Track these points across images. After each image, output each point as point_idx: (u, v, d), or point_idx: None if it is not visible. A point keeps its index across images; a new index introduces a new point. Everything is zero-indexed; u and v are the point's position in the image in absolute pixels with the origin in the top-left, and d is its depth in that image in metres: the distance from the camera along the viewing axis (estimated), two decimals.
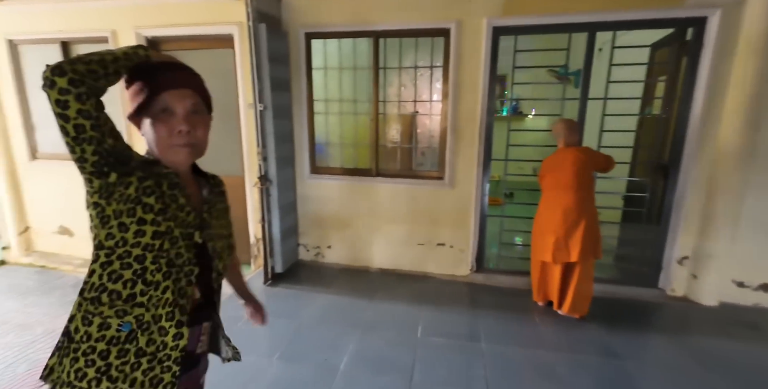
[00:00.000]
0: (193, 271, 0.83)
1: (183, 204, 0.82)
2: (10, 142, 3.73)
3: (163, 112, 0.79)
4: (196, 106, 0.82)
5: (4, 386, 2.12)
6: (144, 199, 0.76)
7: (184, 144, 0.80)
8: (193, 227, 0.83)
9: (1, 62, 3.56)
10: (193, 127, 0.80)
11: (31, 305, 3.10)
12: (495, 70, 2.86)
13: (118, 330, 0.75)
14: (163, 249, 0.77)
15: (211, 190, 0.93)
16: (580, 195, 2.38)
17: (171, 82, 0.79)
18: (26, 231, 3.89)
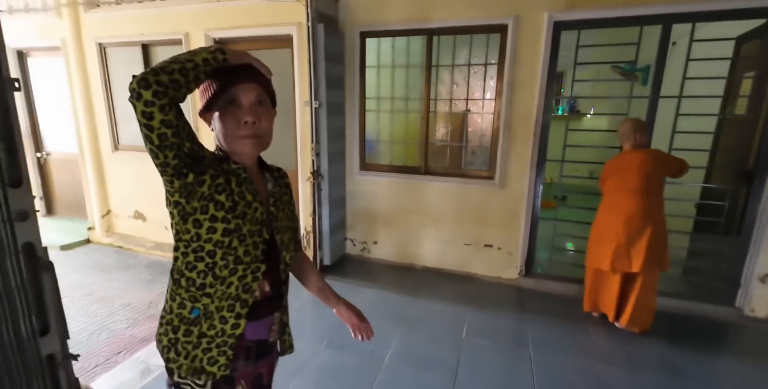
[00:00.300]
0: (260, 268, 0.87)
1: (251, 201, 0.85)
2: (98, 135, 4.18)
3: (231, 104, 0.82)
4: (260, 97, 0.84)
5: (87, 351, 2.42)
6: (216, 197, 0.80)
7: (250, 135, 0.82)
8: (261, 223, 0.87)
9: (92, 63, 4.00)
10: (258, 119, 0.83)
11: (110, 280, 3.48)
12: (554, 67, 2.74)
13: (189, 313, 0.85)
14: (232, 247, 0.82)
15: (276, 183, 0.96)
16: (646, 201, 2.22)
17: (238, 76, 0.82)
18: (108, 214, 4.36)
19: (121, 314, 2.90)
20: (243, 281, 0.85)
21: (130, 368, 2.05)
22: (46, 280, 1.15)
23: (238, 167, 0.86)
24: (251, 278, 0.86)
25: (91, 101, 4.11)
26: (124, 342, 2.54)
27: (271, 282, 0.93)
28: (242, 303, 0.86)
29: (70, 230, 4.50)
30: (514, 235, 3.00)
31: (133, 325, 2.75)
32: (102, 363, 2.32)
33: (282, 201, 0.97)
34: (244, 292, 0.86)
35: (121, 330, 2.68)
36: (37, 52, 4.31)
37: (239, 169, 0.86)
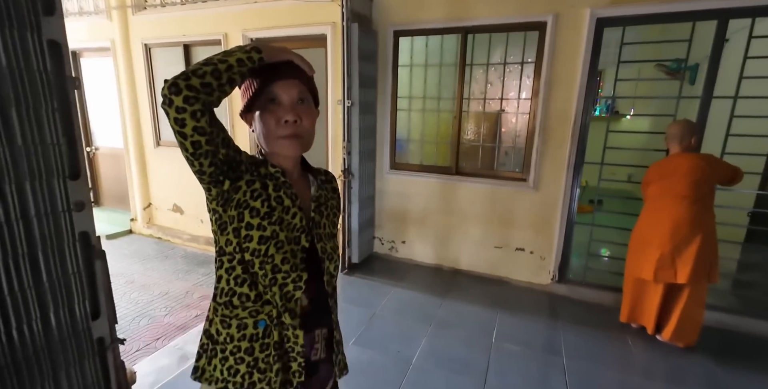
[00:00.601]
0: (302, 277, 0.81)
1: (289, 206, 0.80)
2: (142, 131, 4.41)
3: (271, 102, 0.78)
4: (302, 95, 0.79)
5: (129, 335, 2.56)
6: (251, 203, 0.77)
7: (290, 134, 0.78)
8: (299, 230, 0.81)
9: (138, 63, 4.21)
10: (299, 117, 0.78)
11: (150, 269, 3.66)
12: (596, 66, 2.63)
13: (255, 328, 0.80)
14: (269, 255, 0.77)
15: (321, 187, 0.90)
16: (695, 208, 2.09)
17: (278, 72, 0.77)
18: (149, 206, 4.58)
19: (159, 302, 3.05)
20: (284, 290, 0.80)
21: (168, 354, 2.14)
22: (98, 267, 1.22)
23: (276, 170, 0.81)
24: (292, 287, 0.80)
25: (137, 99, 4.33)
26: (162, 329, 2.67)
27: (310, 295, 0.85)
28: (291, 314, 0.81)
29: (114, 221, 4.78)
30: (548, 239, 2.91)
31: (170, 313, 2.88)
32: (143, 347, 2.45)
33: (327, 206, 0.90)
34: (288, 302, 0.81)
35: (160, 318, 2.82)
36: (88, 53, 4.59)
37: (277, 172, 0.81)
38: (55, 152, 1.03)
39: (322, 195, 0.90)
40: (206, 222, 4.20)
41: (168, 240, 4.43)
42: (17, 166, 0.95)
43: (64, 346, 1.13)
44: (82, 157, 1.15)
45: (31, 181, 0.98)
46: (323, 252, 0.85)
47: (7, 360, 1.00)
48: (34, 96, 0.98)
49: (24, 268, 0.99)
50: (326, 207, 0.90)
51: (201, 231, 4.26)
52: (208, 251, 4.16)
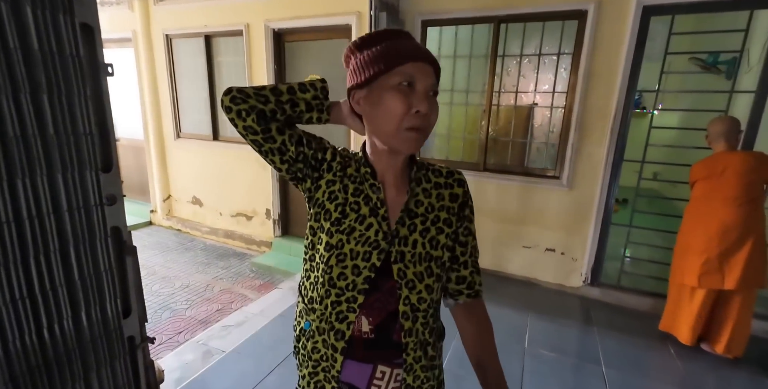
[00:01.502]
0: (356, 299, 0.69)
1: (365, 215, 0.69)
2: (162, 123, 4.39)
3: (407, 85, 0.64)
4: (434, 87, 0.67)
5: (152, 328, 2.54)
6: (327, 205, 0.71)
7: (418, 127, 0.65)
8: (373, 245, 0.69)
9: (159, 54, 4.18)
10: (431, 109, 0.65)
11: (170, 261, 3.66)
12: (640, 58, 2.47)
13: (303, 324, 0.77)
14: (329, 264, 0.69)
15: (426, 192, 0.73)
16: (745, 210, 1.95)
17: (416, 52, 0.65)
18: (168, 198, 4.59)
19: (180, 295, 3.04)
20: (336, 308, 0.70)
21: (193, 349, 2.11)
22: (129, 264, 1.16)
23: (367, 171, 0.71)
24: (345, 307, 0.70)
25: (157, 90, 4.31)
26: (184, 323, 2.64)
27: (375, 322, 0.70)
28: (336, 334, 0.71)
29: (134, 212, 4.80)
30: (581, 240, 2.78)
31: (192, 306, 2.86)
32: (165, 341, 2.43)
33: (429, 219, 0.71)
34: (339, 321, 0.71)
35: (182, 311, 2.80)
36: (110, 44, 4.58)
37: (365, 173, 0.71)
38: (88, 143, 0.97)
39: (422, 204, 0.72)
40: (224, 215, 4.18)
41: (187, 233, 4.43)
42: (49, 156, 0.89)
43: (96, 346, 1.08)
44: (114, 149, 1.09)
45: (63, 173, 0.92)
46: (401, 276, 0.69)
47: (39, 361, 0.95)
48: (67, 82, 0.91)
49: (56, 265, 0.94)
50: (425, 221, 0.71)
51: (220, 223, 4.24)
52: (227, 244, 4.15)
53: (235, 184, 4.03)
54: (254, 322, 2.36)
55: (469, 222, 0.77)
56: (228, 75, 3.89)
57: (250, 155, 3.84)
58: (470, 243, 0.77)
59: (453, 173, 0.77)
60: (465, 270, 0.77)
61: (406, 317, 0.69)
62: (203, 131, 4.16)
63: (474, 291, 0.78)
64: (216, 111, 4.05)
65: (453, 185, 0.75)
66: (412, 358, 0.71)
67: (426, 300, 0.71)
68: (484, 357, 0.77)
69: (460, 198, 0.75)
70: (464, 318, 0.80)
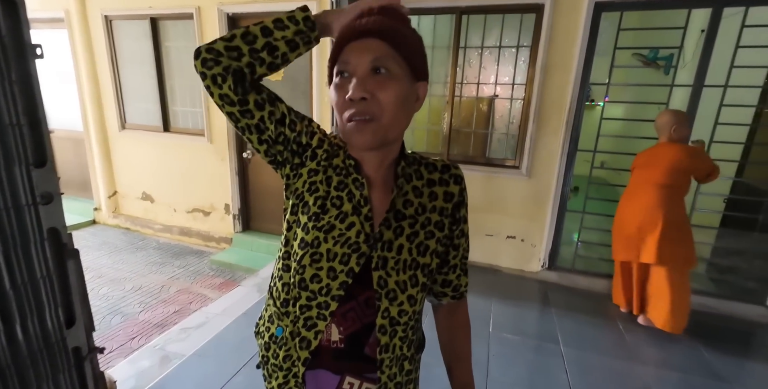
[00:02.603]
0: (329, 305, 0.62)
1: (347, 212, 0.62)
2: (104, 113, 4.03)
3: (342, 75, 0.59)
4: (380, 62, 0.56)
5: (101, 335, 2.36)
6: (306, 197, 0.64)
7: (354, 115, 0.57)
8: (353, 248, 0.61)
9: (97, 36, 3.81)
10: (367, 92, 0.56)
11: (120, 262, 3.41)
12: (592, 52, 2.58)
13: (275, 331, 0.70)
14: (302, 264, 0.62)
15: (417, 191, 0.65)
16: (665, 192, 2.15)
17: (349, 31, 0.58)
18: (114, 195, 4.25)
19: (133, 297, 2.84)
20: (305, 313, 0.63)
21: (149, 355, 1.98)
22: (71, 268, 1.05)
23: (351, 164, 0.63)
24: (315, 313, 0.63)
25: (97, 77, 3.94)
26: (138, 327, 2.48)
27: (346, 332, 0.64)
28: (301, 342, 0.64)
29: (74, 210, 4.41)
30: (539, 227, 2.91)
31: (146, 309, 2.69)
32: (117, 348, 2.27)
33: (419, 222, 0.64)
34: (307, 329, 0.64)
35: (135, 315, 2.62)
36: (39, 24, 4.11)
37: (350, 166, 0.63)
38: (15, 134, 0.85)
39: (411, 204, 0.64)
40: (179, 211, 3.95)
41: (138, 231, 4.14)
42: None
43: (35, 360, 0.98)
44: (48, 141, 0.97)
45: None
46: (381, 285, 0.61)
47: None
48: None
49: None
50: (414, 223, 0.64)
51: (174, 220, 4.00)
52: (183, 242, 3.93)
53: (190, 178, 3.81)
54: (216, 323, 2.26)
55: (464, 223, 0.70)
56: (178, 61, 3.63)
57: (206, 147, 3.63)
58: (462, 246, 0.71)
59: (449, 167, 0.68)
60: (453, 274, 0.72)
61: (384, 331, 0.63)
62: (152, 122, 3.87)
63: (459, 294, 0.75)
64: (166, 100, 3.77)
65: (449, 182, 0.67)
66: (386, 376, 0.65)
67: (407, 313, 0.63)
68: (455, 358, 0.76)
69: (455, 197, 0.67)
70: (444, 318, 0.77)
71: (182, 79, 3.67)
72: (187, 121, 3.77)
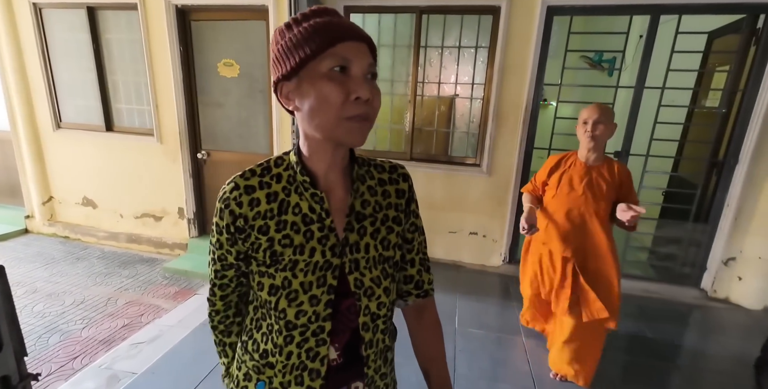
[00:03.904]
0: (324, 329, 0.63)
1: (302, 244, 0.61)
2: (34, 110, 3.65)
3: (340, 70, 0.56)
4: (372, 68, 0.58)
5: (36, 358, 2.12)
6: (260, 240, 0.61)
7: (362, 115, 0.56)
8: (324, 268, 0.62)
9: (25, 27, 3.44)
10: (372, 94, 0.56)
11: (58, 275, 3.11)
12: (546, 54, 2.70)
13: (256, 386, 0.67)
14: (279, 309, 0.62)
15: (372, 191, 0.67)
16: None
17: (347, 30, 0.56)
18: (50, 200, 3.86)
19: (74, 313, 2.59)
20: (304, 347, 0.63)
21: (93, 375, 1.81)
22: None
23: (305, 180, 0.61)
24: (315, 342, 0.63)
25: (25, 71, 3.56)
26: (80, 346, 2.26)
27: (341, 346, 0.66)
28: (311, 374, 0.64)
29: (2, 219, 3.97)
30: (500, 223, 3.00)
31: (89, 325, 2.46)
32: (55, 370, 2.05)
33: (378, 219, 0.66)
34: (311, 361, 0.64)
35: (76, 332, 2.39)
36: None
37: (306, 182, 0.62)
38: None
39: (369, 204, 0.66)
40: (126, 217, 3.67)
41: (78, 240, 3.80)
42: None
43: None
44: None
45: None
46: (358, 286, 0.63)
47: None
48: None
49: None
50: (375, 221, 0.66)
51: (121, 226, 3.71)
52: (131, 249, 3.65)
53: (138, 181, 3.54)
54: (171, 335, 2.11)
55: (415, 217, 0.73)
56: (121, 54, 3.36)
57: (155, 147, 3.39)
58: (417, 240, 0.73)
59: (396, 167, 0.71)
60: (412, 268, 0.74)
61: (366, 328, 0.65)
62: (93, 120, 3.56)
63: (423, 291, 0.75)
64: (108, 97, 3.48)
65: (398, 180, 0.70)
66: (372, 370, 0.68)
67: (385, 305, 0.67)
68: (430, 360, 0.77)
69: (406, 193, 0.70)
70: (414, 319, 0.77)
71: (126, 75, 3.40)
72: (133, 119, 3.50)
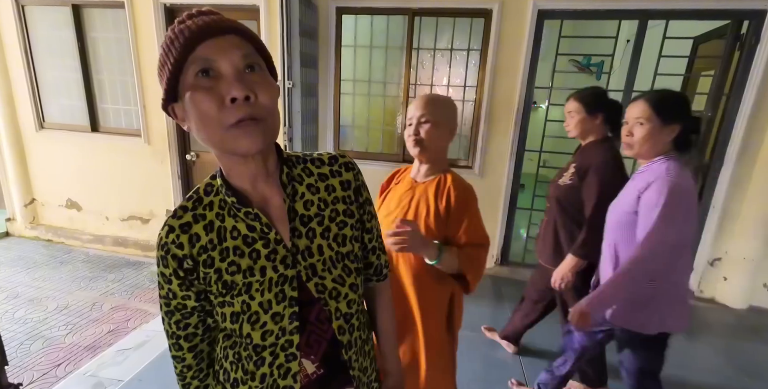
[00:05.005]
0: (292, 343, 0.59)
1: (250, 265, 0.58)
2: (16, 110, 3.55)
3: (203, 74, 0.50)
4: (249, 59, 0.51)
5: (17, 366, 2.05)
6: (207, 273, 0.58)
7: (245, 118, 0.50)
8: (279, 281, 0.58)
9: (6, 24, 3.35)
10: (252, 91, 0.50)
11: (40, 279, 3.02)
12: (537, 57, 2.72)
13: None
14: (244, 334, 0.59)
15: (312, 188, 0.63)
16: None
17: (204, 28, 0.50)
18: (32, 203, 3.75)
19: (57, 319, 2.52)
20: (274, 365, 0.60)
21: (78, 383, 1.75)
22: None
23: (233, 201, 0.58)
24: (285, 358, 0.60)
25: (7, 70, 3.46)
26: (64, 352, 2.19)
27: (318, 358, 0.62)
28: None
29: None
30: (492, 224, 3.01)
31: (73, 331, 2.39)
32: (37, 378, 1.98)
33: (326, 217, 0.63)
34: (283, 378, 0.60)
35: (59, 338, 2.32)
36: None
37: (234, 203, 0.58)
38: None
39: (312, 203, 0.62)
40: (112, 219, 3.58)
41: (62, 243, 3.69)
42: None
43: None
44: None
45: None
46: (320, 290, 0.61)
47: None
48: None
49: None
50: (322, 220, 0.63)
51: (107, 229, 3.62)
52: (117, 253, 3.56)
53: (124, 183, 3.46)
54: (158, 341, 2.06)
55: (369, 204, 0.71)
56: (107, 54, 3.29)
57: (142, 148, 3.33)
58: (375, 227, 0.73)
59: (337, 158, 0.67)
60: (373, 255, 0.73)
61: (343, 331, 0.63)
62: (78, 120, 3.47)
63: (383, 275, 0.77)
64: (93, 97, 3.40)
65: (341, 171, 0.66)
66: (357, 370, 0.66)
67: (355, 301, 0.65)
68: (386, 338, 0.80)
69: (353, 183, 0.67)
70: (372, 301, 0.80)
71: (113, 74, 3.33)
72: (120, 120, 3.43)
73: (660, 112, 1.18)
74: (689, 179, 1.17)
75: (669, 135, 1.19)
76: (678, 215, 1.12)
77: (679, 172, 1.16)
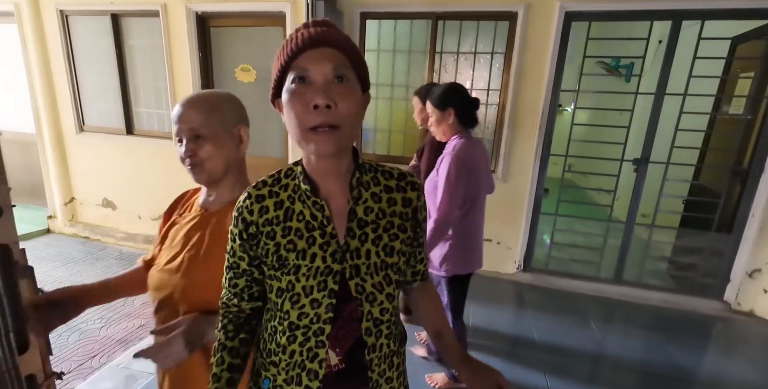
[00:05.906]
0: (323, 330, 0.63)
1: (304, 250, 0.63)
2: (59, 114, 3.76)
3: (299, 81, 0.57)
4: (340, 71, 0.57)
5: (56, 356, 2.17)
6: (268, 244, 0.64)
7: (322, 125, 0.56)
8: (325, 273, 0.63)
9: (51, 33, 3.56)
10: (332, 101, 0.56)
11: (77, 274, 3.18)
12: (563, 59, 2.67)
13: (262, 384, 0.71)
14: (284, 310, 0.64)
15: (377, 197, 0.67)
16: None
17: (306, 40, 0.57)
18: (71, 201, 3.97)
19: (92, 313, 2.64)
20: (305, 346, 0.64)
21: (111, 375, 1.84)
22: (24, 288, 0.95)
23: (306, 189, 0.64)
24: (315, 343, 0.64)
25: (51, 76, 3.67)
26: (98, 345, 2.31)
27: (342, 352, 0.65)
28: (309, 374, 0.65)
29: (26, 219, 4.09)
30: (514, 230, 2.96)
31: (107, 325, 2.51)
32: (74, 369, 2.09)
33: (380, 226, 0.66)
34: (311, 361, 0.65)
35: (95, 331, 2.44)
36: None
37: (307, 191, 0.64)
38: None
39: (372, 210, 0.66)
40: (144, 218, 3.74)
41: (98, 240, 3.88)
42: None
43: None
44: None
45: None
46: (359, 291, 0.64)
47: None
48: None
49: None
50: (377, 228, 0.66)
51: (138, 228, 3.78)
52: (148, 250, 3.71)
53: (155, 183, 3.61)
54: None
55: (425, 222, 0.76)
56: (142, 60, 3.45)
57: (173, 150, 3.46)
58: (424, 241, 0.79)
59: (405, 175, 0.71)
60: (420, 264, 0.80)
61: (369, 333, 0.66)
62: (114, 124, 3.65)
63: (425, 276, 0.83)
64: (129, 101, 3.57)
65: (406, 189, 0.69)
66: (377, 374, 0.68)
67: (388, 310, 0.68)
68: (440, 325, 0.82)
69: (414, 202, 0.70)
70: (419, 296, 0.84)
71: (146, 80, 3.48)
72: (153, 123, 3.58)
73: (433, 103, 1.54)
74: (473, 149, 1.51)
75: (449, 118, 1.52)
76: (460, 182, 1.46)
77: (463, 147, 1.49)
